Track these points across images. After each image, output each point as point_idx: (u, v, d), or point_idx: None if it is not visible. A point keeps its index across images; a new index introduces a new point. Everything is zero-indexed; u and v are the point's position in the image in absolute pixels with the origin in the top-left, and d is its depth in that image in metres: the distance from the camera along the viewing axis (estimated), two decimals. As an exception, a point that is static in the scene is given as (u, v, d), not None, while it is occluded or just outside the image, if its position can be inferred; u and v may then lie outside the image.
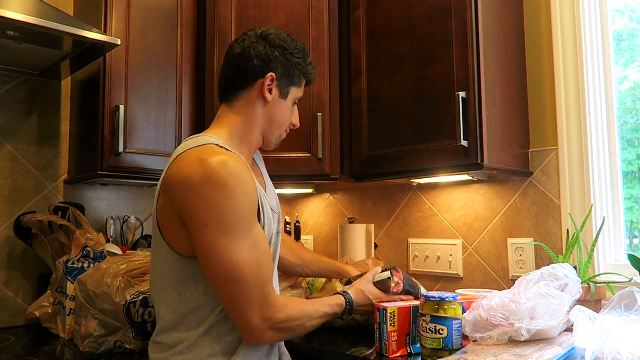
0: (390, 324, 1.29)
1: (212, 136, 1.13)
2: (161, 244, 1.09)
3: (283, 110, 1.24)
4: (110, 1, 1.72)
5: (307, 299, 1.27)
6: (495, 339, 1.19)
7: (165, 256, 1.09)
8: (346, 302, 1.25)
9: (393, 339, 1.29)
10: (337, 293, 1.29)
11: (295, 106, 1.29)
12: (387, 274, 1.41)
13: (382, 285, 1.40)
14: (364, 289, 1.32)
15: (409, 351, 1.31)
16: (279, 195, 1.40)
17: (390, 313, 1.29)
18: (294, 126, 1.30)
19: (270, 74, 1.19)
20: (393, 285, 1.39)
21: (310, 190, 2.35)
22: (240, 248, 1.01)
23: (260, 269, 1.04)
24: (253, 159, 1.30)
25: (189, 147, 1.08)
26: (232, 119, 1.19)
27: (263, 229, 1.11)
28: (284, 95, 1.23)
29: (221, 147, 1.08)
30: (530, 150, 1.77)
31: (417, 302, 1.33)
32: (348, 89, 1.93)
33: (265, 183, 1.28)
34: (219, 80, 1.25)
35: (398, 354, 1.29)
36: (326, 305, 1.21)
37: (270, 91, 1.20)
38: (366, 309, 1.35)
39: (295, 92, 1.26)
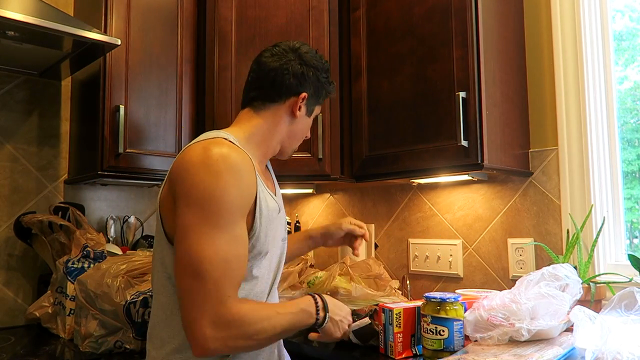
0: (396, 325, 1.28)
1: (228, 133, 1.13)
2: (160, 234, 1.08)
3: (305, 125, 1.27)
4: (110, 1, 1.72)
5: (267, 303, 1.13)
6: (495, 339, 1.19)
7: (163, 245, 1.07)
8: (315, 302, 1.11)
9: (399, 340, 1.28)
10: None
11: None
12: (367, 320, 1.38)
13: (362, 331, 1.38)
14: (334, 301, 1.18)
15: (414, 352, 1.30)
16: (279, 195, 1.40)
17: (397, 314, 1.28)
18: (307, 137, 1.33)
19: (303, 94, 1.22)
20: (379, 329, 1.35)
21: (310, 190, 2.35)
22: (214, 239, 0.96)
23: (227, 267, 0.97)
24: (266, 166, 1.30)
25: (200, 139, 1.09)
26: (255, 123, 1.20)
27: (251, 230, 1.07)
28: (309, 112, 1.27)
29: (231, 142, 1.08)
30: (530, 150, 1.77)
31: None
32: (348, 89, 1.93)
33: (275, 190, 1.27)
34: (248, 86, 1.25)
35: (403, 355, 1.29)
36: (291, 305, 1.09)
37: (299, 108, 1.23)
38: (341, 319, 1.17)
39: (318, 109, 1.31)
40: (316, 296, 1.12)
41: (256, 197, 1.08)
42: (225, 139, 1.08)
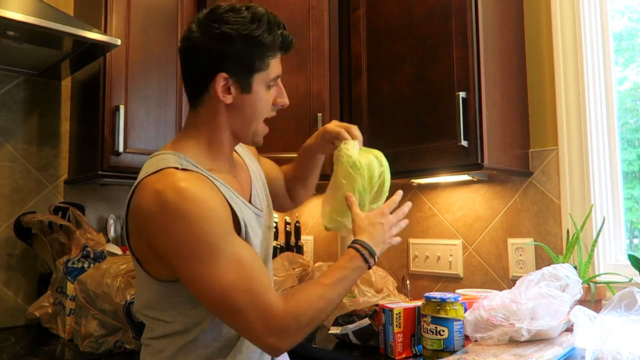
0: (396, 325, 1.28)
1: (174, 153, 1.02)
2: (140, 272, 1.04)
3: (251, 103, 1.05)
4: (110, 1, 1.72)
5: (311, 280, 1.09)
6: (495, 339, 1.19)
7: (147, 282, 1.04)
8: (358, 251, 1.07)
9: (399, 340, 1.28)
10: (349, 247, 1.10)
11: (275, 87, 1.09)
12: (367, 320, 1.38)
13: (362, 332, 1.38)
14: (366, 222, 1.12)
15: (414, 352, 1.30)
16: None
17: (397, 314, 1.28)
18: (282, 106, 1.11)
19: (221, 74, 1.01)
20: (379, 330, 1.34)
21: (310, 190, 2.35)
22: (222, 271, 0.93)
23: (252, 283, 0.95)
24: (236, 154, 1.20)
25: (148, 172, 0.99)
26: (197, 123, 1.06)
27: (247, 237, 1.03)
28: (246, 89, 1.04)
29: (181, 168, 0.98)
30: (530, 150, 1.77)
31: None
32: (348, 89, 1.93)
33: (251, 176, 1.18)
34: None
35: (403, 355, 1.29)
36: (337, 269, 1.04)
37: (228, 90, 1.03)
38: (389, 240, 1.15)
39: (263, 77, 1.05)
40: (357, 246, 1.07)
41: (234, 212, 1.01)
42: (174, 167, 0.98)
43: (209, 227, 0.93)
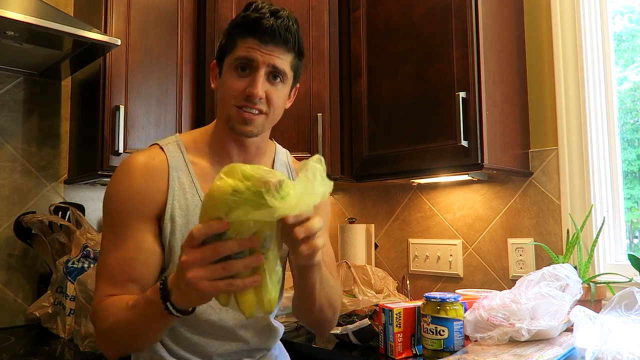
0: (396, 325, 1.28)
1: (177, 134, 1.12)
2: None
3: (221, 86, 1.05)
4: (110, 1, 1.71)
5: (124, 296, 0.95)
6: (495, 339, 1.19)
7: None
8: (161, 284, 0.79)
9: (399, 340, 1.28)
10: None
11: (249, 75, 1.01)
12: (367, 321, 1.38)
13: (362, 332, 1.38)
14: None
15: (414, 352, 1.30)
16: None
17: (397, 314, 1.28)
18: (250, 96, 1.00)
19: (212, 63, 1.10)
20: (379, 330, 1.34)
21: (310, 190, 2.35)
22: (107, 242, 0.99)
23: (106, 269, 0.97)
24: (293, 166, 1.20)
25: None
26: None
27: (161, 232, 1.01)
28: (220, 73, 1.06)
29: (160, 146, 1.06)
30: (530, 150, 1.77)
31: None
32: (348, 89, 1.93)
33: None
34: None
35: (403, 355, 1.29)
36: (141, 296, 0.86)
37: (215, 78, 1.09)
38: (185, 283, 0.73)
39: (230, 58, 1.02)
40: (162, 279, 0.80)
41: (168, 203, 1.00)
42: (157, 143, 1.07)
43: (118, 200, 1.00)
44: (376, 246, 2.17)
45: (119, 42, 1.60)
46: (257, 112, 1.01)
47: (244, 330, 1.07)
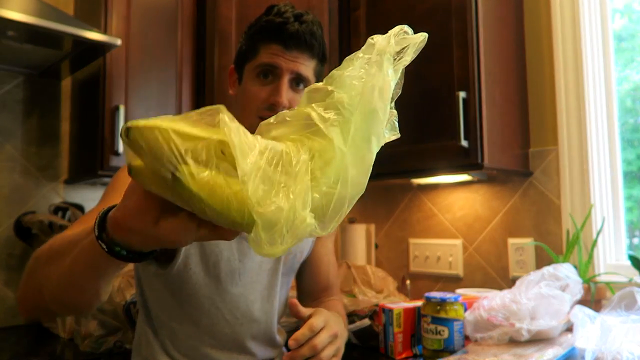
0: (396, 325, 1.28)
1: None
2: None
3: (242, 95, 1.02)
4: (110, 1, 1.71)
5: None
6: (495, 339, 1.19)
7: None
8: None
9: (399, 340, 1.28)
10: None
11: (271, 83, 0.98)
12: (367, 321, 1.38)
13: (362, 332, 1.38)
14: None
15: (414, 352, 1.30)
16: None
17: (397, 314, 1.28)
18: (274, 104, 0.96)
19: (230, 68, 1.06)
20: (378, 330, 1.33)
21: (310, 190, 2.35)
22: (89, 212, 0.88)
23: (88, 215, 0.82)
24: None
25: None
26: None
27: None
28: (240, 80, 1.04)
29: None
30: (530, 150, 1.77)
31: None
32: (348, 89, 1.93)
33: None
34: None
35: (403, 355, 1.29)
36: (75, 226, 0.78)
37: (232, 84, 1.07)
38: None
39: (251, 65, 1.00)
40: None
41: None
42: None
43: (120, 177, 0.93)
44: (376, 246, 2.17)
45: (118, 42, 1.60)
46: None
47: (254, 342, 1.07)
